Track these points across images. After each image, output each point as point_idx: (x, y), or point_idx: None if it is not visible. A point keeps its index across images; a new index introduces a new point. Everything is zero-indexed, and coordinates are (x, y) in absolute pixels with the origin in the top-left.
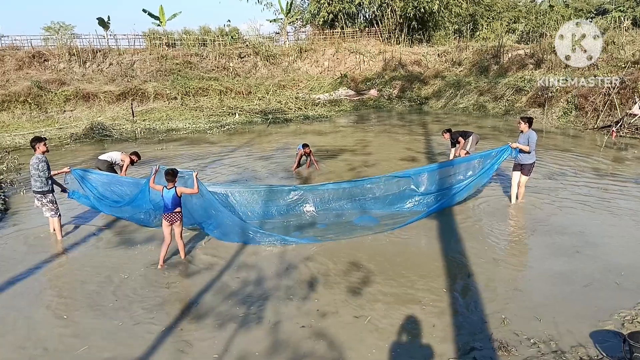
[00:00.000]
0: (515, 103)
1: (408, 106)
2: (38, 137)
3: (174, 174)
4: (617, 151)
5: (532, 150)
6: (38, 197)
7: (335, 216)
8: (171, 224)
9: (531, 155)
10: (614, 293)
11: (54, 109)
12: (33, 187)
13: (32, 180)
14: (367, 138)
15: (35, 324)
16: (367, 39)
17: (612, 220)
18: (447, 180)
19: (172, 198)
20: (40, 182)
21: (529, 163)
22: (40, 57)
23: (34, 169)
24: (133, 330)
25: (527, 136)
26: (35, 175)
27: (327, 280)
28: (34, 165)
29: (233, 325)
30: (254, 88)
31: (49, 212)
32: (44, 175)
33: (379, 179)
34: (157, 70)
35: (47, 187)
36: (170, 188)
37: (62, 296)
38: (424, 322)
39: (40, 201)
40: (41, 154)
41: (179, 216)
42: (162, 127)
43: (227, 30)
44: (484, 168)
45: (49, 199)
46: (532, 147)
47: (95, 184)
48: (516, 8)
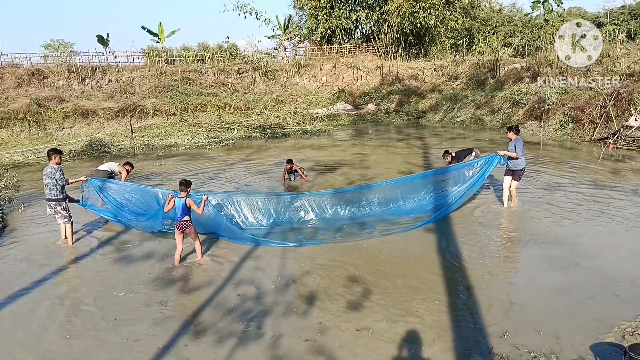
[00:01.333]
0: (512, 116)
1: (406, 120)
2: (56, 149)
3: (187, 184)
4: (614, 163)
5: (520, 157)
6: (52, 204)
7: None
8: (182, 232)
9: (521, 161)
10: (614, 305)
11: (52, 126)
12: (47, 195)
13: (47, 189)
14: (365, 152)
15: (37, 340)
16: (364, 54)
17: (611, 232)
18: (443, 187)
19: (182, 207)
20: (55, 190)
21: (519, 169)
22: (40, 75)
23: (49, 178)
24: (134, 346)
25: (514, 143)
26: (51, 184)
27: (327, 294)
28: (50, 174)
29: (233, 341)
30: (252, 103)
31: (62, 219)
32: (60, 184)
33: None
34: (156, 86)
35: (62, 195)
36: (182, 197)
37: (64, 313)
38: (423, 336)
39: (53, 209)
40: (56, 164)
41: (188, 224)
42: (161, 143)
43: (225, 47)
44: (476, 175)
45: (63, 207)
46: (520, 153)
47: (113, 193)
48: (512, 22)
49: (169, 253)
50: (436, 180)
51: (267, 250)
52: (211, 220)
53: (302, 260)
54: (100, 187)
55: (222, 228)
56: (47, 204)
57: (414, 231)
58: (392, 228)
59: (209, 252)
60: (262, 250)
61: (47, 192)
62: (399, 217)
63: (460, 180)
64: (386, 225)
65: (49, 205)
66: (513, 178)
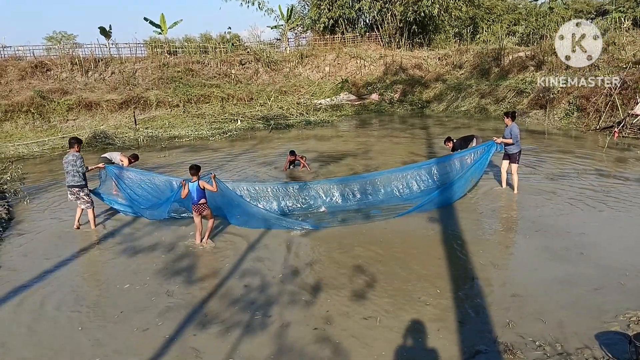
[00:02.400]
0: (516, 105)
1: (409, 110)
2: (77, 138)
3: (197, 168)
4: (620, 152)
5: (516, 141)
6: (75, 190)
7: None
8: (200, 214)
9: (516, 145)
10: (619, 294)
11: (56, 118)
12: (69, 182)
13: (69, 176)
14: (369, 142)
15: (49, 331)
16: (367, 43)
17: (616, 221)
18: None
19: (196, 190)
20: (78, 176)
21: (515, 152)
22: (43, 67)
23: (71, 166)
24: (141, 336)
25: (510, 129)
26: (73, 171)
27: (332, 284)
28: (71, 162)
29: (238, 331)
30: (255, 94)
31: (84, 205)
32: (81, 171)
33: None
34: (159, 78)
35: (84, 181)
36: (194, 181)
37: (74, 304)
38: (429, 325)
39: (75, 195)
40: (76, 152)
41: (205, 207)
42: (165, 135)
43: (228, 38)
44: (476, 162)
45: (85, 192)
46: (515, 138)
47: (128, 181)
48: (516, 10)
49: (175, 244)
50: (439, 168)
51: (271, 241)
52: (225, 199)
53: (307, 250)
54: (116, 174)
55: (235, 205)
56: (68, 190)
57: (417, 220)
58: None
59: (215, 240)
60: (267, 241)
61: (69, 179)
62: (404, 202)
63: (462, 168)
64: (391, 210)
65: (71, 191)
66: (511, 161)
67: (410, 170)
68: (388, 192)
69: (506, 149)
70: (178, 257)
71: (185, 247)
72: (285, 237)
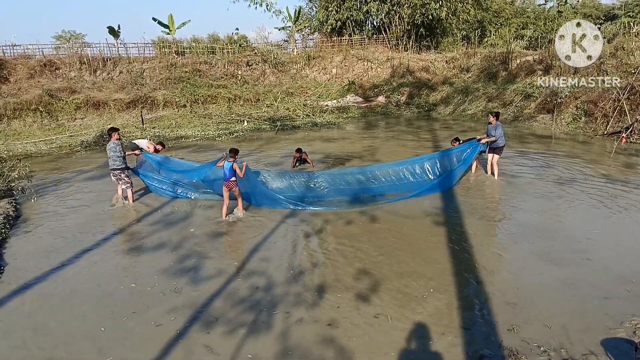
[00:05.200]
0: (524, 109)
1: (416, 112)
2: (114, 128)
3: (236, 152)
4: (628, 157)
5: (499, 138)
6: (116, 172)
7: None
8: (229, 190)
9: (500, 140)
10: (625, 300)
11: (64, 117)
12: (112, 166)
13: (111, 161)
14: (375, 144)
15: (61, 327)
16: (374, 46)
17: (623, 227)
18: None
19: (230, 169)
20: (119, 161)
21: (500, 146)
22: (52, 66)
23: (112, 152)
24: (145, 334)
25: (494, 127)
26: (115, 156)
27: (336, 286)
28: (113, 148)
29: (243, 331)
30: (262, 95)
31: (124, 185)
32: (121, 155)
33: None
34: (167, 78)
35: (124, 164)
36: (230, 161)
37: (88, 302)
38: (433, 329)
39: (117, 177)
40: (116, 139)
41: (234, 184)
42: (172, 135)
43: (235, 38)
44: (462, 159)
45: (125, 174)
46: (499, 135)
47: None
48: (524, 14)
49: (181, 243)
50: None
51: (277, 241)
52: (249, 183)
53: (312, 251)
54: (151, 157)
55: (257, 190)
56: (111, 173)
57: (421, 223)
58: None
59: (220, 241)
60: (272, 241)
61: (111, 163)
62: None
63: (450, 163)
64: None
65: (113, 174)
66: (495, 153)
67: (406, 164)
68: (388, 181)
69: (491, 144)
70: (184, 256)
71: (191, 247)
72: (291, 237)
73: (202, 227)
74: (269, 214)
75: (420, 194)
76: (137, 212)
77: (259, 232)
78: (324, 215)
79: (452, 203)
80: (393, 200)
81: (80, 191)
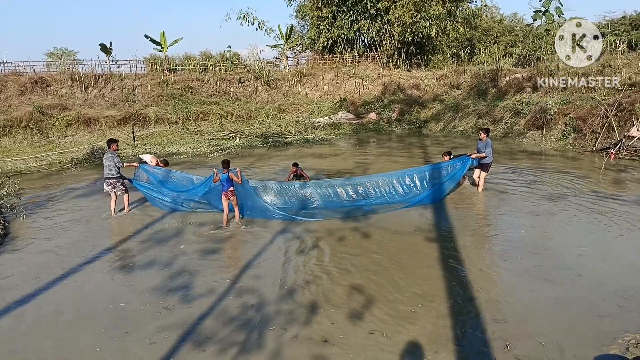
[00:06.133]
0: (514, 126)
1: (407, 129)
2: (113, 139)
3: (228, 163)
4: (617, 173)
5: (488, 155)
6: (112, 181)
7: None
8: (228, 199)
9: (489, 157)
10: (618, 316)
11: (55, 134)
12: (107, 175)
13: (106, 170)
14: (366, 160)
15: (55, 349)
16: (365, 63)
17: (614, 243)
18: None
19: (227, 180)
20: (114, 170)
21: (487, 163)
22: (43, 83)
23: (109, 161)
24: (141, 353)
25: (484, 144)
26: (111, 165)
27: (328, 304)
28: (110, 157)
29: (234, 351)
30: (254, 112)
31: (119, 192)
32: (118, 165)
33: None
34: (158, 95)
35: (119, 174)
36: (225, 172)
37: (78, 322)
38: (426, 347)
39: (112, 185)
40: (114, 150)
41: (232, 193)
42: (163, 151)
43: (227, 56)
44: (452, 173)
45: (121, 182)
46: (489, 152)
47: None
48: (513, 32)
49: (171, 261)
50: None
51: (268, 258)
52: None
53: (303, 267)
54: (148, 170)
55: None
56: (105, 182)
57: (413, 240)
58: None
59: (211, 258)
60: (264, 258)
61: (106, 172)
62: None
63: (440, 177)
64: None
65: (107, 182)
66: (482, 170)
67: (396, 176)
68: (377, 194)
69: (480, 161)
70: (175, 274)
71: (181, 265)
72: (283, 253)
73: (193, 244)
74: (261, 230)
75: (410, 206)
76: (128, 227)
77: (251, 249)
78: (315, 231)
79: (443, 219)
80: (383, 211)
81: (70, 209)
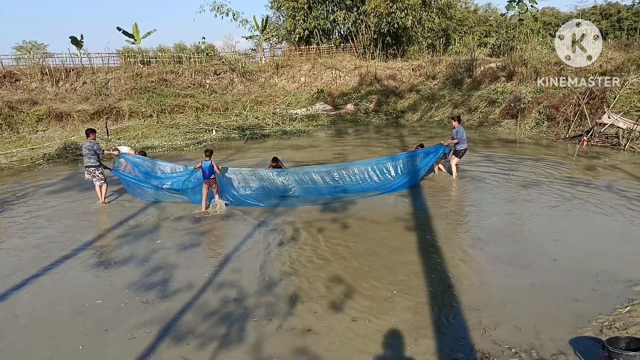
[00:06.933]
0: (489, 115)
1: (384, 120)
2: (92, 129)
3: (211, 152)
4: (589, 159)
5: (461, 141)
6: (91, 170)
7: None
8: (209, 186)
9: (462, 144)
10: (592, 299)
11: (25, 129)
12: (87, 163)
13: (86, 159)
14: (344, 151)
15: (36, 349)
16: (342, 54)
17: (587, 227)
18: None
19: (209, 168)
20: (94, 159)
21: (461, 149)
22: (12, 77)
23: (88, 150)
24: (123, 349)
25: (456, 131)
26: (90, 154)
27: (308, 295)
28: (88, 147)
29: (214, 345)
30: (230, 104)
31: (98, 181)
32: (98, 152)
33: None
34: (132, 88)
35: (98, 162)
36: (207, 160)
37: (55, 321)
38: (406, 335)
39: (91, 174)
40: (92, 139)
41: (214, 181)
42: (138, 145)
43: (202, 48)
44: (426, 160)
45: (100, 171)
46: (461, 138)
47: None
48: (487, 22)
49: (149, 256)
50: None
51: (247, 250)
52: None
53: (282, 259)
54: (128, 158)
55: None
56: (85, 170)
57: (389, 228)
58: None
59: (192, 252)
60: (243, 250)
61: (86, 160)
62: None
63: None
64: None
65: (88, 171)
66: (456, 156)
67: (371, 163)
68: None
69: (454, 147)
70: (154, 268)
71: (159, 260)
72: (262, 246)
73: (172, 237)
74: (240, 222)
75: (385, 192)
76: (106, 221)
77: (230, 242)
78: (294, 223)
79: (421, 207)
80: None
81: (43, 206)
